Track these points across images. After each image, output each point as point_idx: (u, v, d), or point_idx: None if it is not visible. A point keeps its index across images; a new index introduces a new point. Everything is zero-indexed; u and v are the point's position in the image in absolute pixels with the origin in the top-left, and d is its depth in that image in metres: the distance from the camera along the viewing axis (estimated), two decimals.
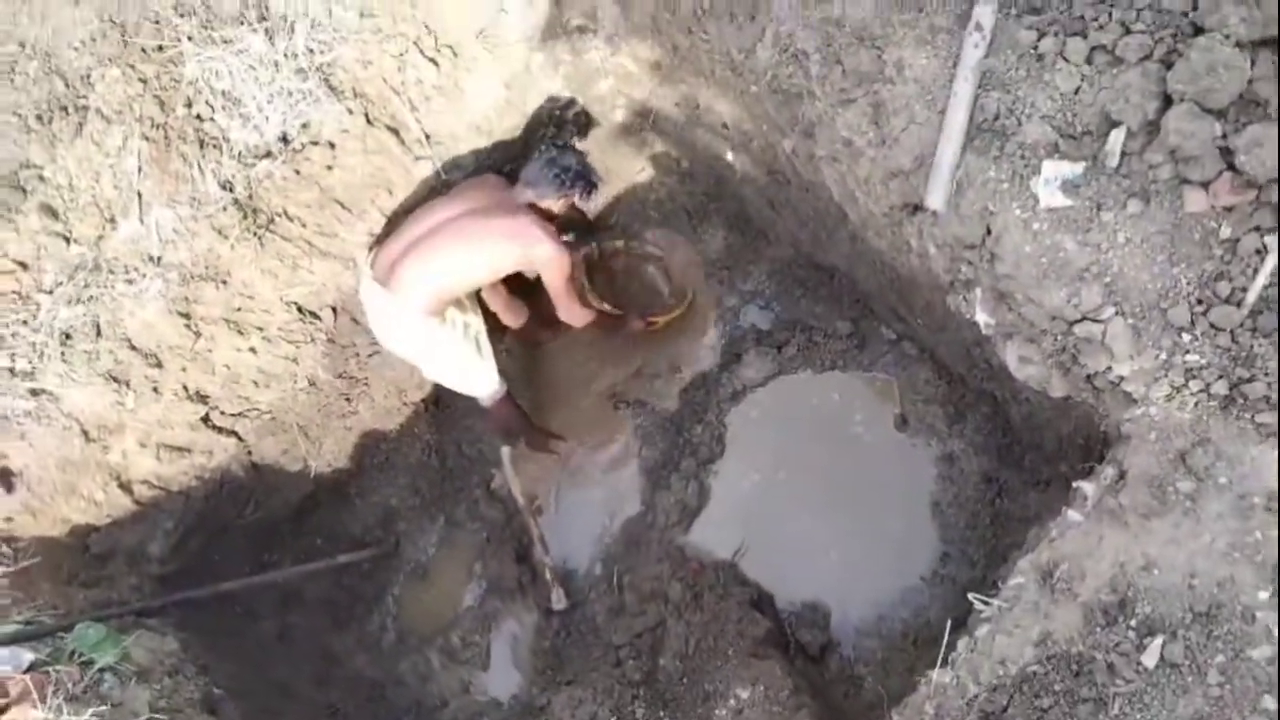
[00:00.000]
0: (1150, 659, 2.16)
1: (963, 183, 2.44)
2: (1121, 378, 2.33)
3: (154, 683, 3.08)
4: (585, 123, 4.13)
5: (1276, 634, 2.06)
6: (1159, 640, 2.16)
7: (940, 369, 3.95)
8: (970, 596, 2.56)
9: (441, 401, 4.43)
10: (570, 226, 4.25)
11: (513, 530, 4.32)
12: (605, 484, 4.37)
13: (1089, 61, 2.31)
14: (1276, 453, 2.15)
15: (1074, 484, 2.52)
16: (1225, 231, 2.22)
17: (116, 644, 3.05)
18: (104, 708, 2.85)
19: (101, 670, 2.99)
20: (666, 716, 3.49)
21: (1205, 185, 2.20)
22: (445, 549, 4.37)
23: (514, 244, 3.69)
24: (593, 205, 4.18)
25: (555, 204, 3.84)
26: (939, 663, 2.54)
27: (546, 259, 3.74)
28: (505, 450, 4.20)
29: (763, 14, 2.91)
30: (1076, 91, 2.32)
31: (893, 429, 4.04)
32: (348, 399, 4.12)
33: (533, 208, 3.78)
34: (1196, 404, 2.25)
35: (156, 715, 2.91)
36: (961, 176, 2.43)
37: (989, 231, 2.43)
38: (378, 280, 3.68)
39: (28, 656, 3.06)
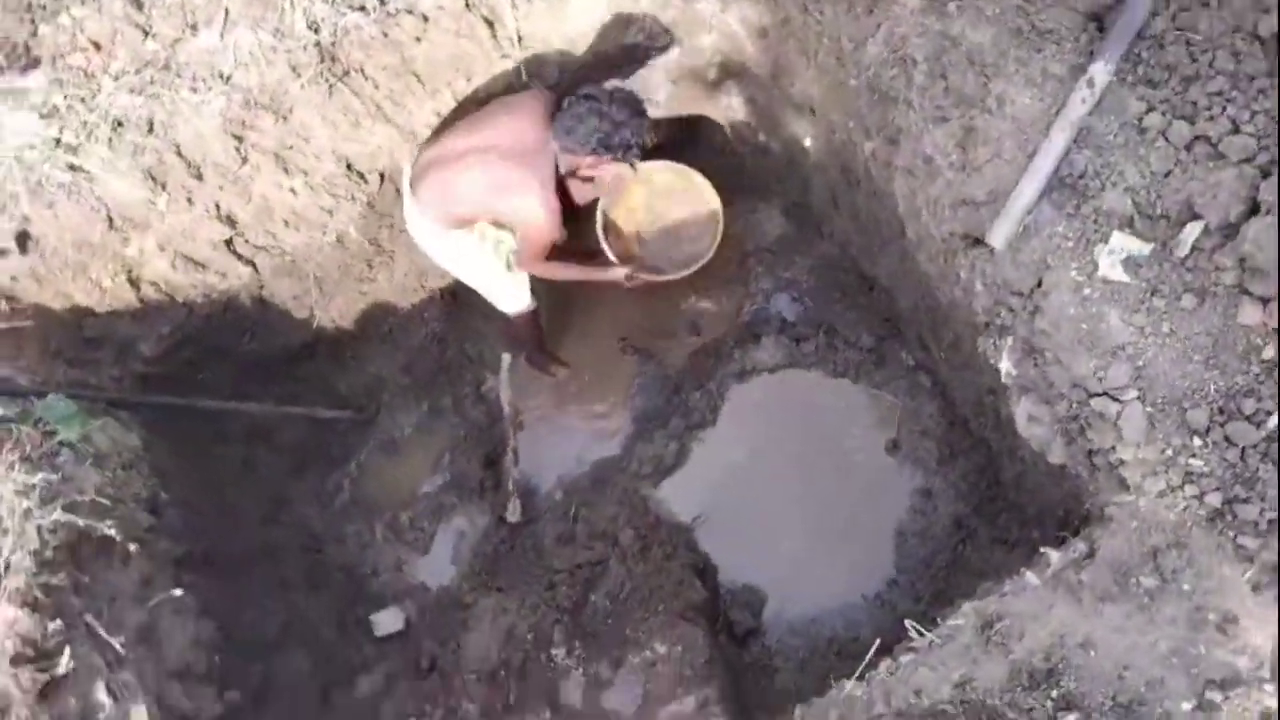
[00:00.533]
0: None
1: (1029, 229, 2.42)
2: (1122, 461, 2.33)
3: (107, 469, 3.13)
4: (675, 74, 4.06)
5: None
6: (1073, 717, 2.19)
7: (947, 408, 3.95)
8: (907, 623, 2.59)
9: (460, 297, 4.44)
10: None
11: (490, 435, 4.35)
12: (590, 419, 4.40)
13: (1189, 148, 2.28)
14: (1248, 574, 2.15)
15: (1041, 549, 2.53)
16: (1269, 352, 2.21)
17: (83, 424, 3.08)
18: (54, 476, 2.90)
19: (62, 443, 3.03)
20: (580, 648, 3.55)
21: (1264, 302, 2.18)
22: (420, 433, 4.41)
23: (513, 198, 3.56)
24: (609, 180, 3.73)
25: (582, 161, 3.52)
26: (856, 675, 2.58)
27: (531, 220, 3.57)
28: (506, 358, 4.22)
29: (882, 10, 2.87)
30: (1168, 174, 2.30)
31: (883, 450, 4.05)
32: (369, 265, 4.13)
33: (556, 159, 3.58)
34: (1185, 508, 2.26)
35: (101, 498, 2.96)
36: (1030, 223, 2.41)
37: (1040, 284, 2.42)
38: (411, 182, 3.68)
39: None
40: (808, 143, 3.74)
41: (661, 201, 4.34)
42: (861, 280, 4.14)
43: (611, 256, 4.14)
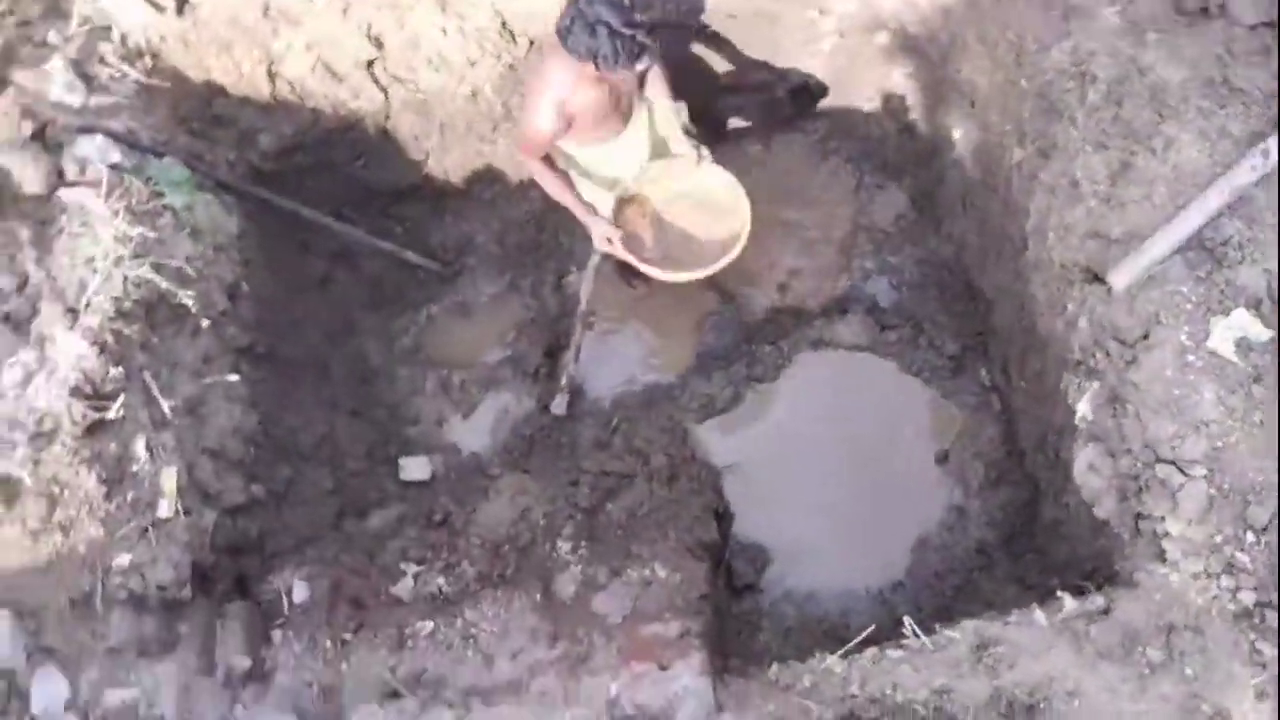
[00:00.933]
0: None
1: (1154, 280, 2.38)
2: (1168, 534, 2.32)
3: (200, 244, 3.26)
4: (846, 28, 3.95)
5: None
6: None
7: (1008, 436, 3.91)
8: (906, 619, 2.62)
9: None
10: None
11: (558, 327, 4.43)
12: (658, 341, 4.45)
13: None
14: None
15: (1058, 593, 2.53)
16: None
17: (190, 194, 3.22)
18: (151, 235, 3.04)
19: (166, 207, 3.16)
20: (586, 548, 3.63)
21: None
22: (494, 304, 4.49)
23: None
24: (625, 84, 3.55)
25: (587, 68, 3.27)
26: (841, 653, 2.64)
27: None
28: (595, 257, 4.25)
29: (1078, 20, 2.80)
30: None
31: (932, 458, 4.04)
32: (494, 128, 4.18)
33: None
34: (1215, 597, 2.25)
35: (188, 269, 3.08)
36: (1157, 273, 2.37)
37: (1146, 336, 2.38)
38: None
39: (116, 155, 3.25)
40: (957, 135, 3.67)
41: (699, 206, 4.04)
42: (965, 287, 4.09)
43: (603, 213, 3.93)
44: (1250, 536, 2.22)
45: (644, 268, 3.94)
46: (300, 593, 3.33)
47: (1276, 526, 2.24)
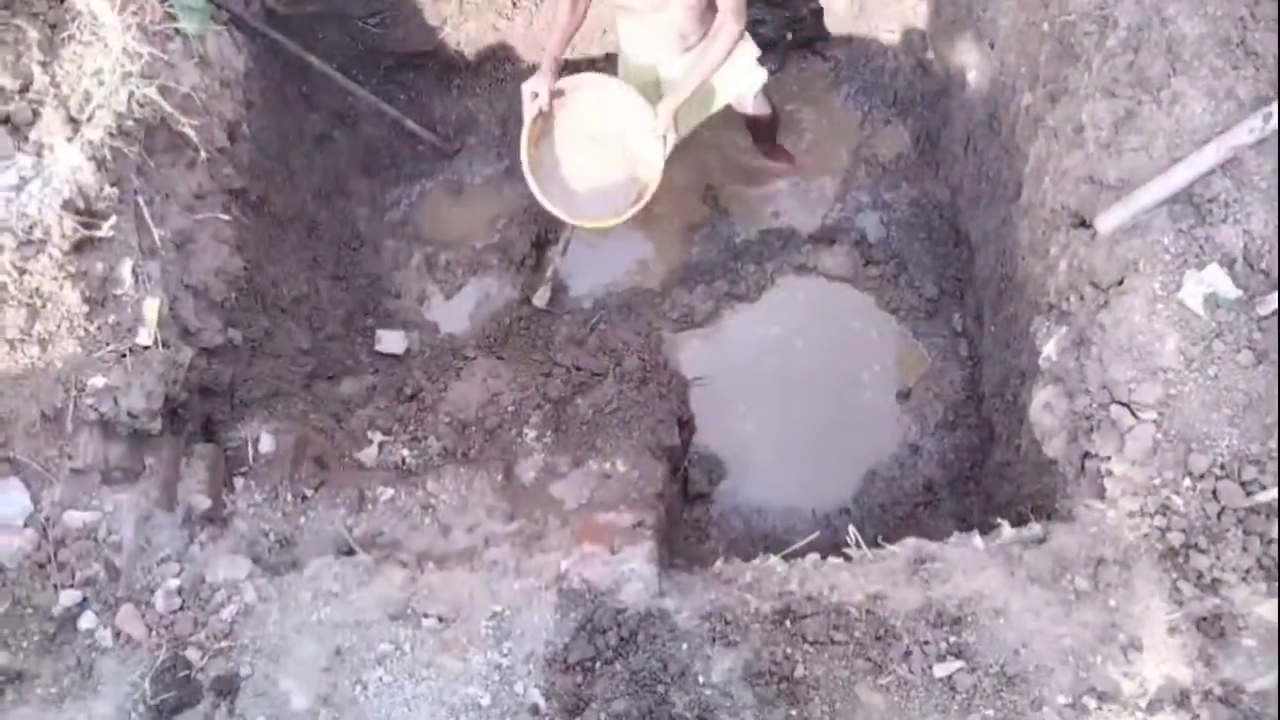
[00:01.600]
0: (940, 671, 2.34)
1: (1138, 227, 2.44)
2: (1111, 472, 2.42)
3: (208, 77, 3.23)
4: None
5: None
6: (958, 665, 2.34)
7: (970, 382, 4.01)
8: (850, 529, 2.72)
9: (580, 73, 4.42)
10: None
11: (549, 219, 4.41)
12: (645, 248, 4.49)
13: None
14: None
15: (998, 521, 2.64)
16: None
17: (203, 23, 3.18)
18: (161, 55, 3.00)
19: (178, 31, 3.13)
20: (551, 438, 3.71)
21: None
22: (489, 187, 4.50)
23: None
24: None
25: None
26: (784, 554, 2.74)
27: None
28: None
29: None
30: None
31: (894, 395, 4.14)
32: (514, 3, 4.11)
33: None
34: (1145, 535, 2.35)
35: (194, 95, 3.05)
36: (1142, 222, 2.43)
37: (1120, 282, 2.46)
38: None
39: None
40: (970, 75, 3.68)
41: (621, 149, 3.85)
42: (953, 232, 4.14)
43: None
44: (1187, 482, 2.33)
45: (526, 170, 3.71)
46: (266, 444, 3.37)
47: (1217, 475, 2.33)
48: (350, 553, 3.07)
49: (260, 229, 3.78)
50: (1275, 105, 2.31)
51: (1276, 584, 2.25)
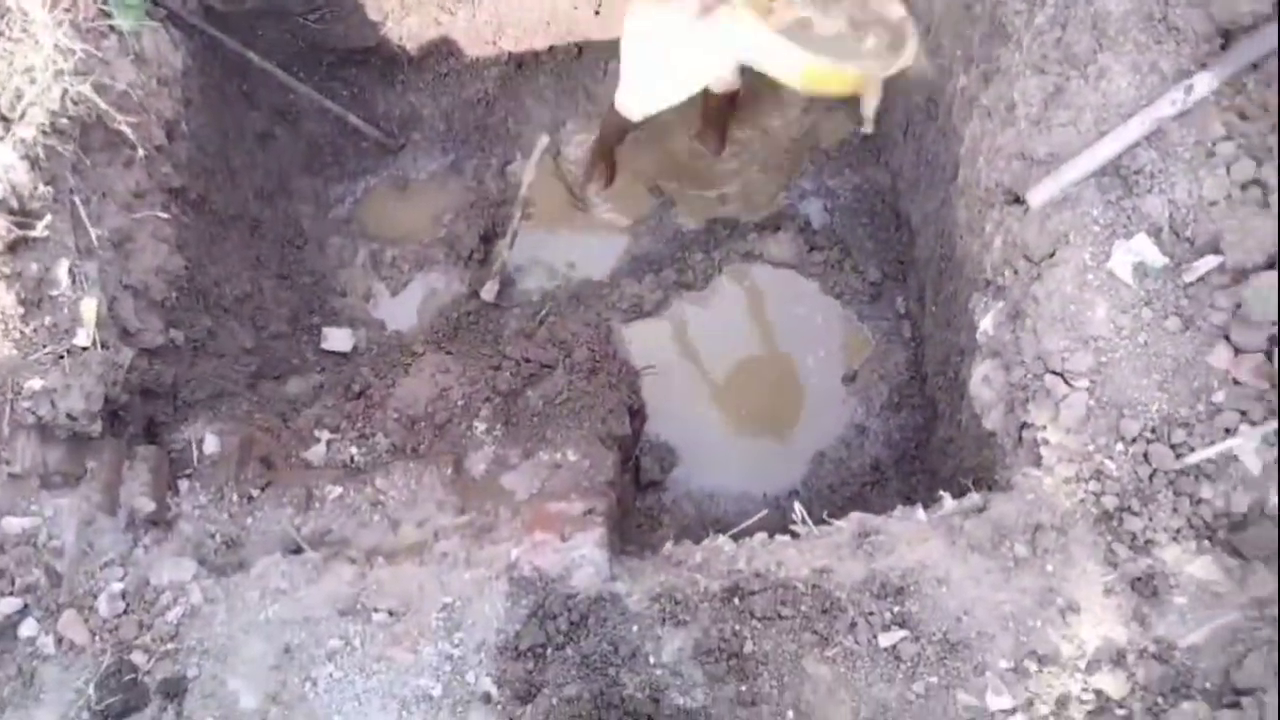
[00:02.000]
0: (885, 641, 2.35)
1: (1068, 200, 2.48)
2: (1047, 441, 2.45)
3: (144, 74, 3.16)
4: None
5: None
6: (902, 634, 2.36)
7: (914, 363, 4.06)
8: (796, 505, 2.73)
9: (526, 66, 4.42)
10: None
11: (497, 213, 4.41)
12: (593, 239, 4.48)
13: (1244, 188, 2.33)
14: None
15: (939, 493, 2.66)
16: (1218, 397, 2.31)
17: (138, 19, 3.11)
18: (96, 53, 2.94)
19: (113, 28, 3.06)
20: (501, 430, 3.69)
21: (1237, 351, 2.27)
22: (435, 182, 4.47)
23: None
24: None
25: None
26: (731, 534, 2.75)
27: None
28: (544, 139, 4.22)
29: None
30: (1214, 204, 2.35)
31: (839, 378, 4.17)
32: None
33: None
34: (1082, 500, 2.39)
35: (129, 95, 2.99)
36: (1072, 194, 2.47)
37: (1052, 255, 2.50)
38: None
39: None
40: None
41: None
42: (894, 216, 4.18)
43: None
44: (1120, 446, 2.37)
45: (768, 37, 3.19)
46: (210, 445, 3.31)
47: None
48: (298, 551, 3.03)
49: (201, 228, 3.71)
50: (1199, 76, 2.35)
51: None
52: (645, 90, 3.88)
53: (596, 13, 4.28)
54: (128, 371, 3.08)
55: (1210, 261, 2.32)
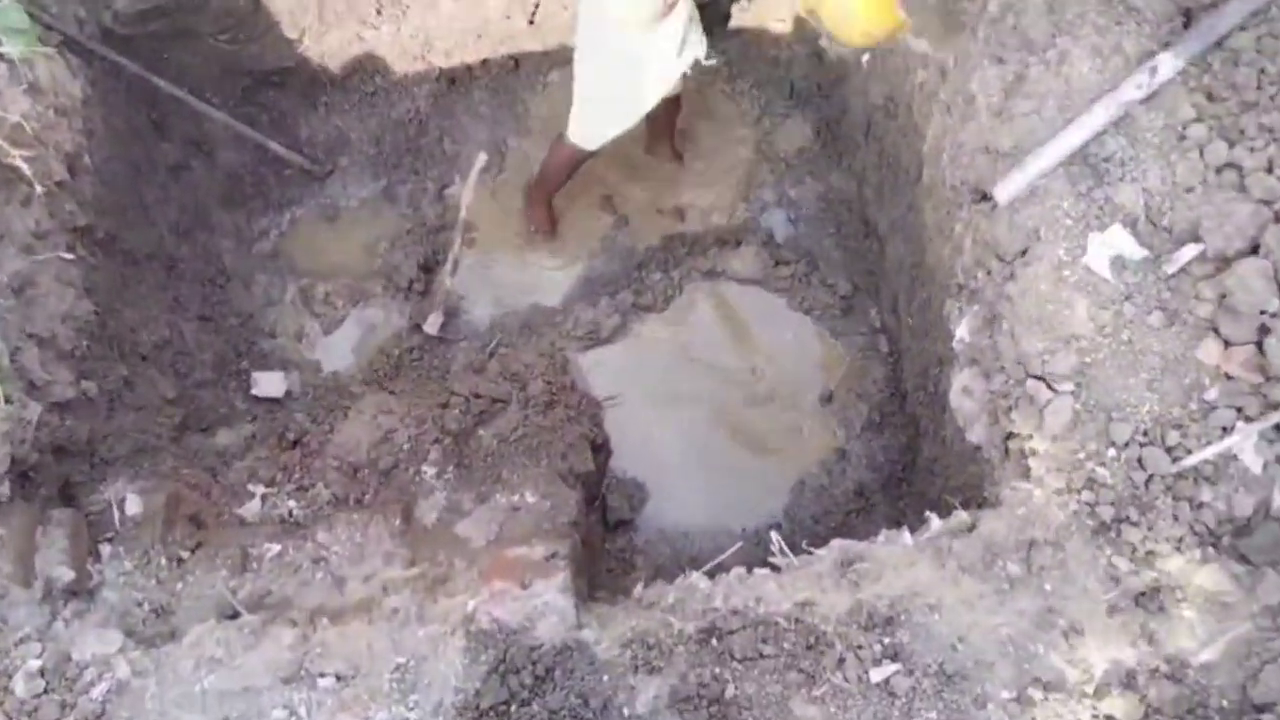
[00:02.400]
0: (877, 676, 2.36)
1: (1036, 194, 2.53)
2: (1034, 451, 2.48)
3: (39, 104, 3.14)
4: None
5: None
6: (895, 668, 2.37)
7: (893, 378, 4.10)
8: (773, 535, 2.75)
9: (459, 82, 4.45)
10: None
11: (435, 240, 4.42)
12: (541, 261, 4.50)
13: (1219, 171, 2.39)
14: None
15: (926, 514, 2.69)
16: (1211, 394, 2.36)
17: (29, 44, 3.09)
18: None
19: (1, 56, 3.04)
20: (452, 474, 3.66)
21: (1226, 344, 2.32)
22: (366, 210, 4.46)
23: None
24: None
25: None
26: (706, 569, 2.75)
27: None
28: (482, 157, 4.24)
29: None
30: (1189, 190, 2.41)
31: (816, 398, 4.20)
32: (379, 10, 4.10)
33: None
34: (1075, 512, 2.42)
35: (24, 128, 2.98)
36: (1040, 187, 2.52)
37: (1024, 252, 2.54)
38: None
39: None
40: (865, 59, 3.80)
41: None
42: (862, 224, 4.24)
43: None
44: (1111, 452, 2.40)
45: None
46: (133, 505, 3.26)
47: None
48: (235, 616, 2.99)
49: (112, 269, 3.67)
50: (1162, 56, 2.43)
51: None
52: (604, 116, 3.93)
53: (531, 22, 4.32)
54: (37, 429, 3.03)
55: (1191, 250, 2.38)
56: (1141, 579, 2.36)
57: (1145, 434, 2.40)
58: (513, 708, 2.44)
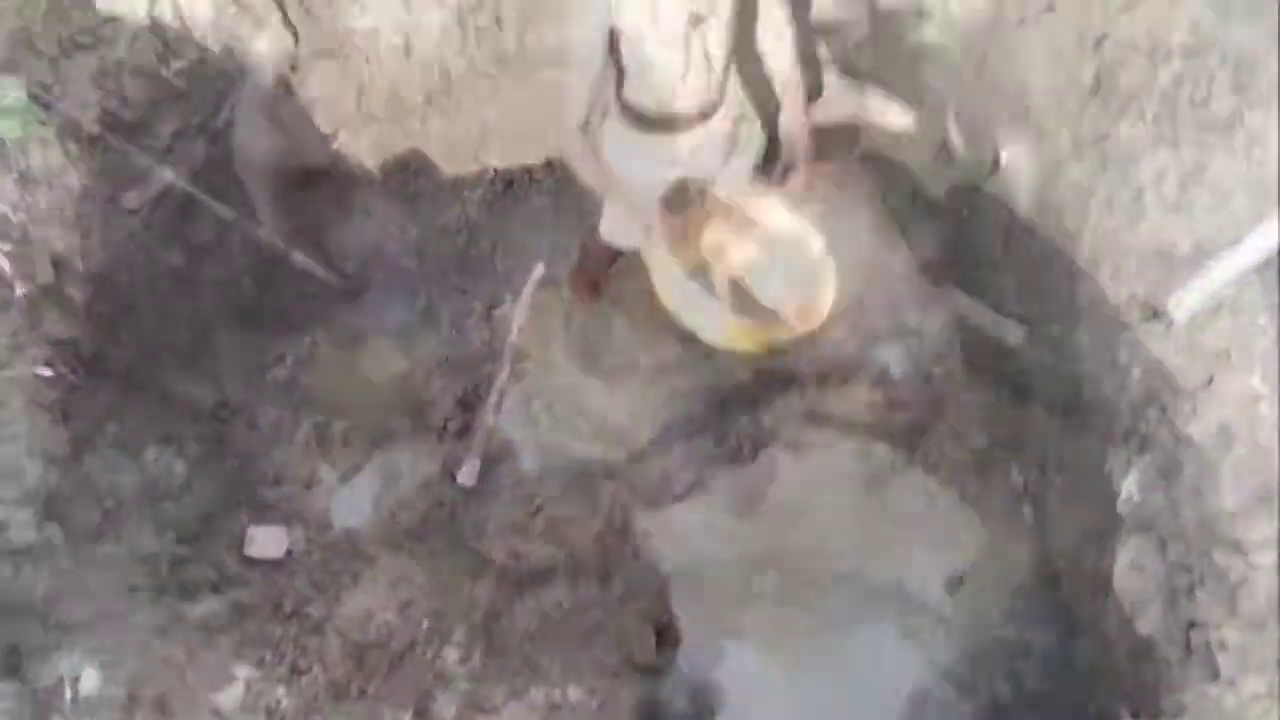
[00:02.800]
0: None
1: (1221, 309, 2.42)
2: (1223, 644, 2.32)
3: (29, 194, 3.32)
4: None
5: None
6: None
7: (1040, 557, 3.92)
8: None
9: (516, 185, 4.52)
10: None
11: (479, 372, 4.43)
12: (605, 399, 4.47)
13: None
14: None
15: None
16: None
17: (25, 129, 3.24)
18: None
19: None
20: (480, 659, 3.61)
21: None
22: (401, 335, 4.54)
23: None
24: None
25: None
26: None
27: None
28: (538, 269, 4.27)
29: None
30: None
31: (940, 583, 4.01)
32: (429, 101, 4.24)
33: None
34: None
35: (11, 214, 3.07)
36: (1228, 299, 2.42)
37: (1210, 381, 2.42)
38: None
39: None
40: (1004, 155, 3.75)
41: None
42: (999, 356, 4.12)
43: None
44: None
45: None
46: (90, 683, 3.27)
47: None
48: None
49: (95, 393, 3.75)
50: None
51: None
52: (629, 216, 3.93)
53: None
54: None
55: None
56: None
57: None
58: None
